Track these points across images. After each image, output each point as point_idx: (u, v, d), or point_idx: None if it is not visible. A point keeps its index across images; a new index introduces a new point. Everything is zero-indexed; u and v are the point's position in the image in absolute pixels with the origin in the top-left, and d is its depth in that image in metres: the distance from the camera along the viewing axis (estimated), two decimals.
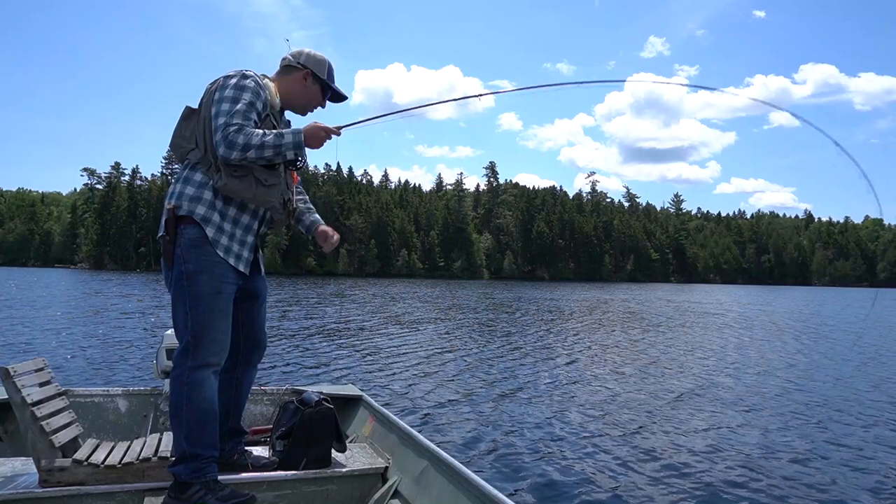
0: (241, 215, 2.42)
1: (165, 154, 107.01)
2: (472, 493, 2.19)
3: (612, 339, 16.88)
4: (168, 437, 2.75)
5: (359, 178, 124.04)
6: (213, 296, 2.34)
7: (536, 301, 35.89)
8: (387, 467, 2.82)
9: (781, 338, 19.00)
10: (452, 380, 9.81)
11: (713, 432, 7.19)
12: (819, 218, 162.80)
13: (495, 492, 2.09)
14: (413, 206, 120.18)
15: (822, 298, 57.42)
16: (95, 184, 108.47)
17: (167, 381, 3.50)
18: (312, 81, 2.59)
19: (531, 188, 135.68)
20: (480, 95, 3.23)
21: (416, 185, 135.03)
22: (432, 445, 2.63)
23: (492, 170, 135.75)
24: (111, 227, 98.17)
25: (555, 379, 10.26)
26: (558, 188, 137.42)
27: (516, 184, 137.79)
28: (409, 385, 9.13)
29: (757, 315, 29.78)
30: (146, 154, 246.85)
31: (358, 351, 12.60)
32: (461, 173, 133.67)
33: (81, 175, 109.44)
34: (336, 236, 2.75)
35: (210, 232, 2.33)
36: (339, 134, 2.48)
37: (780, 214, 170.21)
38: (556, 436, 6.58)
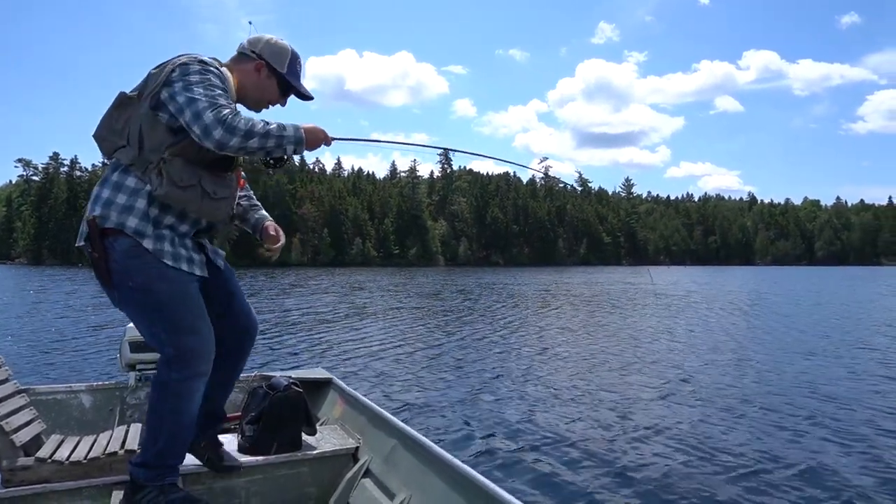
0: (179, 224, 2.12)
1: None
2: (443, 469, 2.22)
3: (574, 321, 17.20)
4: (135, 430, 2.69)
5: (311, 167, 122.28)
6: (180, 301, 2.10)
7: (495, 286, 36.24)
8: (357, 447, 2.83)
9: (736, 315, 19.71)
10: (419, 362, 9.88)
11: (674, 407, 7.43)
12: (762, 200, 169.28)
13: (465, 467, 2.12)
14: (367, 193, 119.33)
15: (765, 277, 59.73)
16: (31, 175, 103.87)
17: (132, 373, 3.54)
18: (268, 74, 2.25)
19: (485, 174, 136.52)
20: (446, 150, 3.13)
21: (370, 172, 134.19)
22: (402, 425, 2.65)
23: (445, 156, 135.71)
24: (49, 221, 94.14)
25: (519, 358, 10.42)
26: (512, 174, 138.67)
27: (470, 170, 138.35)
28: (378, 368, 9.17)
29: (714, 294, 30.78)
30: (86, 144, 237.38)
31: (325, 338, 12.53)
32: (415, 160, 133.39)
33: (16, 166, 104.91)
34: (282, 240, 2.50)
35: (148, 244, 2.03)
36: (329, 144, 2.23)
37: (726, 197, 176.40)
38: (522, 412, 6.74)
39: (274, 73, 2.25)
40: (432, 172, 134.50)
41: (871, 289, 38.28)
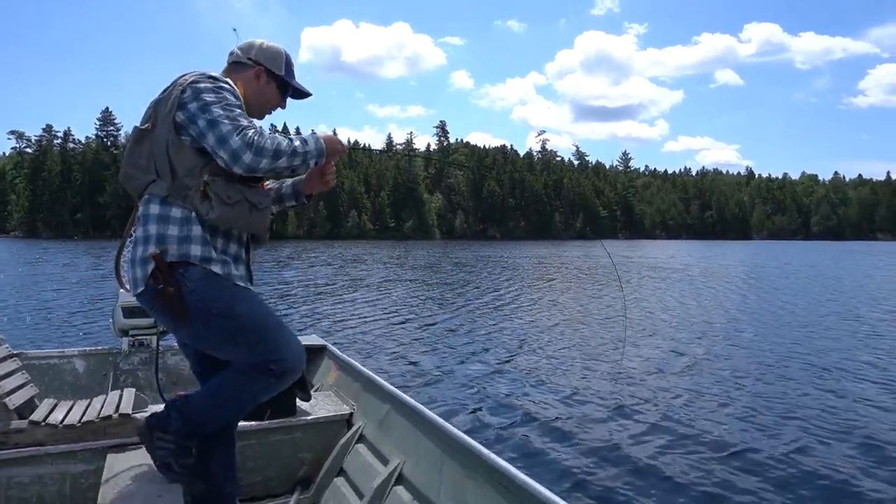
0: (227, 245, 2.03)
1: (100, 115, 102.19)
2: (436, 435, 2.23)
3: (570, 293, 17.25)
4: (129, 394, 2.68)
5: None
6: (265, 318, 2.03)
7: (491, 259, 36.27)
8: (352, 413, 2.86)
9: (734, 289, 19.78)
10: (414, 331, 9.93)
11: (670, 378, 7.49)
12: (759, 174, 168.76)
13: (458, 433, 2.13)
14: (363, 166, 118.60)
15: (761, 251, 59.88)
16: (24, 148, 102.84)
17: (125, 339, 3.54)
18: (267, 79, 2.19)
19: (482, 147, 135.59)
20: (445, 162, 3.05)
21: (367, 145, 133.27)
22: (396, 391, 2.65)
23: (442, 129, 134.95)
24: (44, 194, 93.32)
25: (513, 330, 10.46)
26: (509, 147, 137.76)
27: (467, 143, 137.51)
28: (373, 337, 9.23)
29: (711, 268, 30.86)
30: (79, 116, 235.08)
31: (321, 308, 12.57)
32: (411, 133, 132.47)
33: (9, 138, 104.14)
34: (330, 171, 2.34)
35: (217, 269, 1.95)
36: (345, 153, 2.21)
37: (724, 171, 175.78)
38: (516, 381, 6.80)
39: (273, 77, 2.20)
40: (429, 145, 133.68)
41: (868, 263, 38.43)
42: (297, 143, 1.96)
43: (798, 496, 4.18)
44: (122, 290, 3.47)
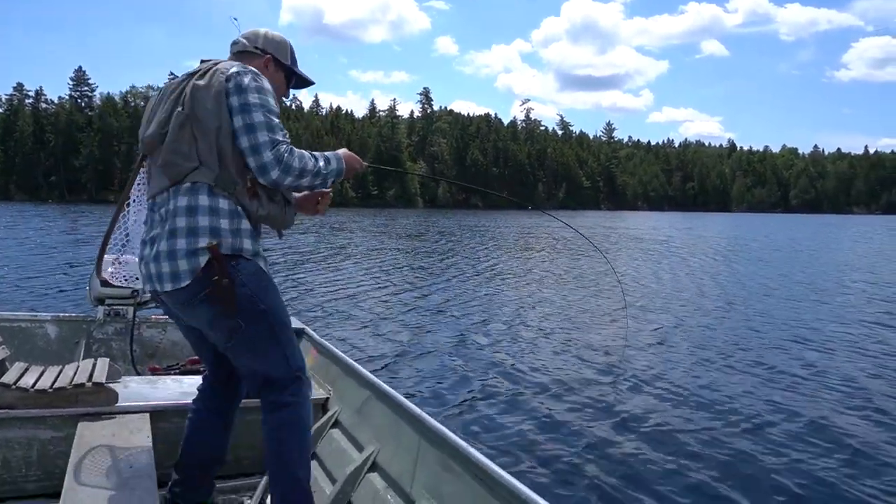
0: (259, 240, 2.03)
1: (73, 75, 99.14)
2: (412, 424, 2.21)
3: (554, 266, 17.22)
4: (103, 363, 2.58)
5: (287, 104, 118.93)
6: (290, 321, 2.08)
7: (476, 228, 36.19)
8: (328, 398, 2.84)
9: (717, 261, 19.93)
10: (394, 313, 9.78)
11: (658, 350, 7.46)
12: (741, 147, 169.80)
13: (434, 422, 2.10)
14: (345, 133, 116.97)
15: (741, 224, 60.59)
16: None
17: (101, 307, 3.46)
18: (276, 69, 2.17)
19: (466, 115, 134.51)
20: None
21: (349, 111, 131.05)
22: (373, 377, 2.62)
23: (426, 96, 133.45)
24: (16, 155, 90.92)
25: (497, 307, 10.37)
26: (493, 115, 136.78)
27: (451, 111, 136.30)
28: (352, 318, 9.04)
29: (695, 240, 31.11)
30: (51, 75, 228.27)
31: (300, 285, 12.35)
32: (394, 99, 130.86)
33: None
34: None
35: (263, 265, 1.98)
36: (363, 171, 2.24)
37: (706, 143, 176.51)
38: (497, 367, 6.66)
39: (280, 67, 2.19)
40: (412, 112, 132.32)
41: (846, 236, 39.04)
42: (321, 162, 1.98)
43: (793, 469, 4.15)
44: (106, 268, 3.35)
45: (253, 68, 1.97)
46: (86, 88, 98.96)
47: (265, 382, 1.97)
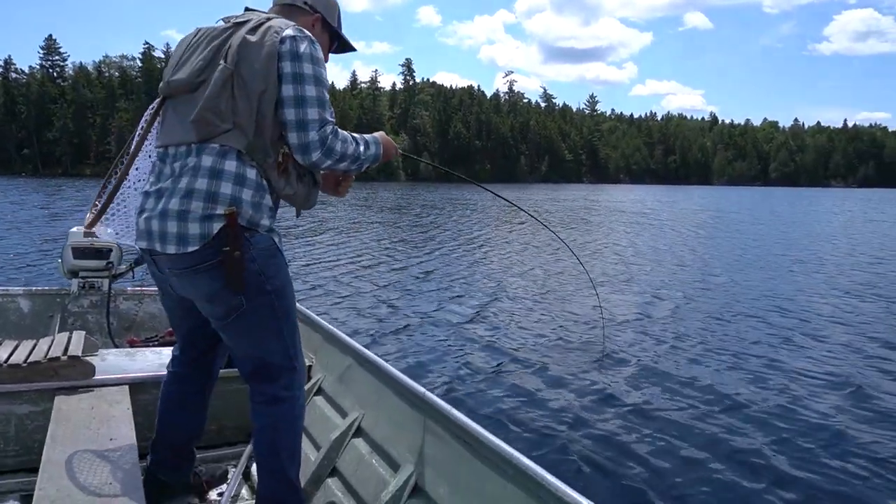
0: (274, 220, 1.91)
1: (43, 44, 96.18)
2: (396, 389, 2.20)
3: (538, 239, 17.25)
4: (78, 336, 2.52)
5: None
6: (295, 307, 1.96)
7: (458, 202, 36.11)
8: (310, 366, 2.82)
9: (703, 233, 20.10)
10: (376, 284, 9.75)
11: (641, 325, 7.52)
12: (722, 120, 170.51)
13: (418, 386, 2.10)
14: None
15: (722, 196, 61.11)
16: None
17: (75, 280, 3.37)
18: (322, 30, 2.00)
19: (449, 87, 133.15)
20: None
21: (330, 82, 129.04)
22: (355, 344, 2.61)
23: (408, 67, 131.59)
24: None
25: (480, 278, 10.38)
26: (476, 88, 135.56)
27: (433, 83, 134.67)
28: (334, 290, 9.01)
29: (680, 213, 31.32)
30: (19, 43, 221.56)
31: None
32: (376, 71, 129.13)
33: None
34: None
35: (277, 241, 1.85)
36: (398, 156, 2.17)
37: (688, 117, 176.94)
38: (480, 333, 6.72)
39: (327, 28, 2.03)
40: (394, 84, 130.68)
41: (825, 209, 39.58)
42: (361, 147, 1.88)
43: (783, 447, 4.21)
44: (72, 229, 3.29)
45: (309, 34, 1.81)
46: (57, 58, 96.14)
47: (258, 368, 1.88)
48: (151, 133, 2.01)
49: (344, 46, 2.17)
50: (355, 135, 1.88)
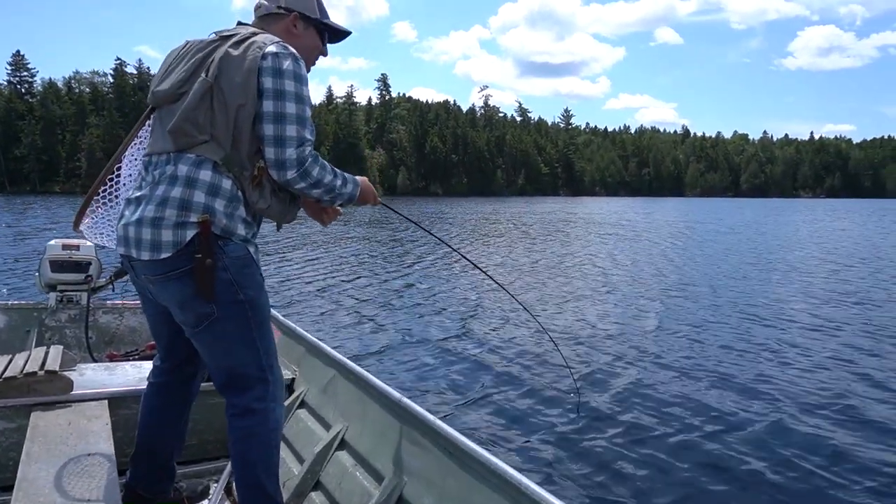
0: (255, 228, 1.91)
1: (10, 60, 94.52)
2: (379, 400, 2.20)
3: (516, 251, 17.29)
4: (56, 351, 2.47)
5: None
6: (269, 318, 1.93)
7: (437, 216, 36.14)
8: (293, 379, 2.81)
9: (681, 244, 20.33)
10: (357, 294, 9.69)
11: (621, 335, 7.54)
12: (694, 133, 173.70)
13: (401, 397, 2.10)
14: None
15: (696, 208, 62.09)
16: None
17: (53, 294, 3.30)
18: (304, 26, 1.99)
19: (424, 102, 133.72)
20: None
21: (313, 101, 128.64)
22: (339, 356, 2.60)
23: (384, 83, 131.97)
24: None
25: (460, 290, 10.34)
26: (452, 102, 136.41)
27: (409, 98, 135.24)
28: (314, 303, 8.93)
29: (656, 224, 31.67)
30: None
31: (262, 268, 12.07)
32: (351, 86, 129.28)
33: None
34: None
35: (252, 251, 1.84)
36: (376, 205, 2.15)
37: (661, 130, 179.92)
38: (461, 342, 6.73)
39: (309, 22, 2.01)
40: (370, 99, 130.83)
41: (796, 220, 40.40)
42: (338, 181, 1.88)
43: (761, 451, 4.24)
44: (50, 242, 3.24)
45: (293, 51, 1.80)
46: (25, 74, 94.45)
47: (229, 379, 1.85)
48: (143, 141, 2.01)
49: (338, 33, 2.12)
50: (336, 169, 1.89)
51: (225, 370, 1.84)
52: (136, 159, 2.09)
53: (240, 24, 1.94)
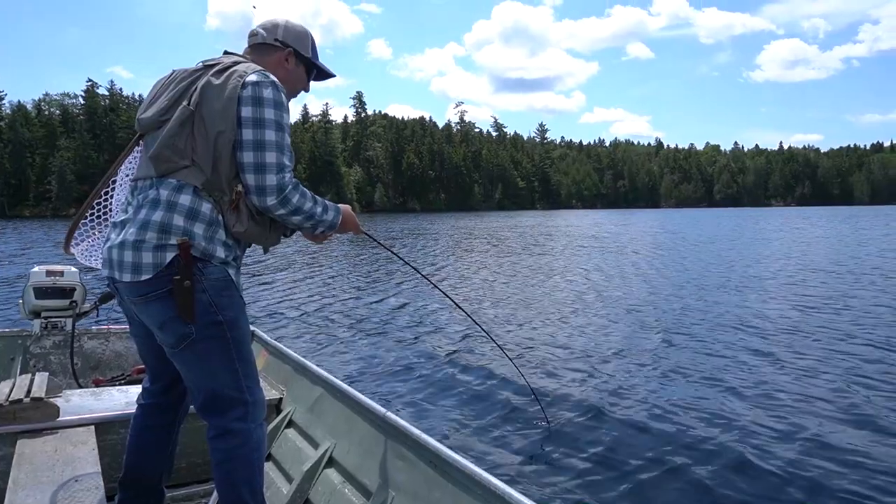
0: (237, 251, 1.91)
1: None
2: (367, 417, 2.21)
3: (496, 265, 17.33)
4: (41, 378, 2.45)
5: None
6: (250, 340, 1.95)
7: (416, 232, 36.14)
8: (281, 398, 2.82)
9: (651, 255, 20.54)
10: (343, 312, 9.62)
11: (599, 346, 7.56)
12: (668, 145, 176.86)
13: (388, 414, 2.11)
14: None
15: (672, 219, 62.90)
16: None
17: (37, 321, 3.28)
18: (296, 63, 2.06)
19: (400, 119, 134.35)
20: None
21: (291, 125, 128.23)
22: (325, 374, 2.61)
23: (359, 100, 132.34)
24: None
25: (441, 304, 10.31)
26: (427, 119, 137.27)
27: (385, 115, 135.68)
28: (301, 319, 8.86)
29: (635, 236, 32.00)
30: None
31: (247, 289, 11.95)
32: (327, 104, 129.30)
33: None
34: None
35: (233, 275, 1.86)
36: (358, 234, 2.17)
37: (635, 142, 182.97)
38: (446, 358, 6.66)
39: (301, 60, 2.07)
40: (346, 117, 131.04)
41: (766, 227, 41.13)
42: (318, 209, 1.92)
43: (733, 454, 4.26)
44: (33, 269, 3.26)
45: (274, 79, 1.83)
46: None
47: (208, 400, 1.85)
48: (134, 165, 2.05)
49: (324, 74, 2.20)
50: (317, 196, 1.92)
51: (204, 391, 1.85)
52: (125, 184, 2.13)
53: (226, 53, 1.96)
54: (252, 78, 1.79)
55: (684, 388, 5.50)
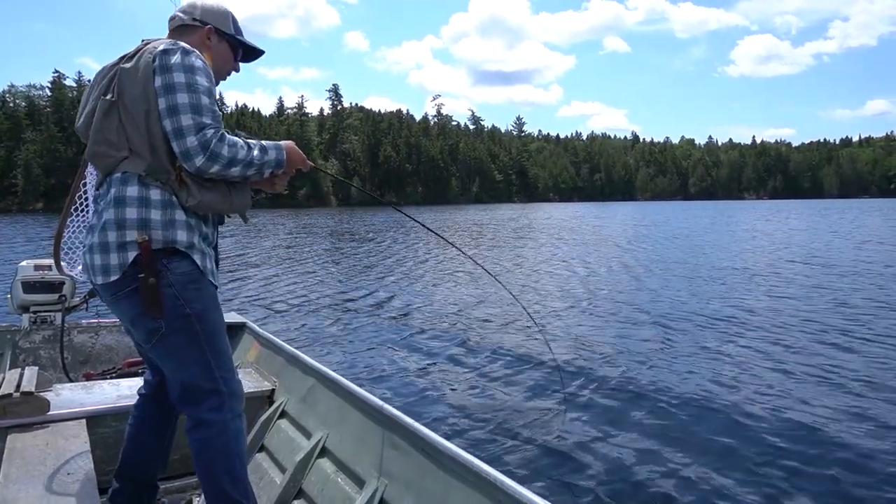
0: (204, 228, 1.88)
1: None
2: (359, 407, 2.22)
3: (479, 257, 17.29)
4: (31, 373, 2.40)
5: None
6: (223, 330, 1.91)
7: (395, 225, 36.02)
8: (273, 389, 2.82)
9: (625, 248, 20.68)
10: (333, 303, 9.57)
11: (584, 337, 7.55)
12: (644, 139, 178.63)
13: (381, 402, 2.12)
14: (252, 131, 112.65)
15: (648, 212, 63.62)
16: None
17: (26, 315, 3.25)
18: (218, 40, 2.01)
19: (377, 112, 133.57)
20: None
21: (255, 109, 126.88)
22: (318, 365, 2.62)
23: (335, 93, 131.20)
24: None
25: (430, 296, 10.26)
26: (405, 112, 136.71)
27: (361, 107, 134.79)
28: (292, 311, 8.82)
29: (614, 229, 32.21)
30: None
31: (237, 282, 11.84)
32: (302, 96, 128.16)
33: None
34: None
35: (199, 260, 1.83)
36: (307, 169, 2.07)
37: (612, 136, 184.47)
38: (436, 347, 6.70)
39: (223, 37, 2.04)
40: (322, 110, 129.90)
41: (741, 220, 41.79)
42: (255, 151, 1.85)
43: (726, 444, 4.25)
44: (21, 263, 3.24)
45: (184, 44, 1.81)
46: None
47: (182, 391, 1.86)
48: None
49: (250, 51, 2.15)
50: (251, 140, 1.86)
51: (178, 383, 1.86)
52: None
53: (143, 41, 1.89)
54: (160, 48, 1.78)
55: (669, 376, 5.50)
